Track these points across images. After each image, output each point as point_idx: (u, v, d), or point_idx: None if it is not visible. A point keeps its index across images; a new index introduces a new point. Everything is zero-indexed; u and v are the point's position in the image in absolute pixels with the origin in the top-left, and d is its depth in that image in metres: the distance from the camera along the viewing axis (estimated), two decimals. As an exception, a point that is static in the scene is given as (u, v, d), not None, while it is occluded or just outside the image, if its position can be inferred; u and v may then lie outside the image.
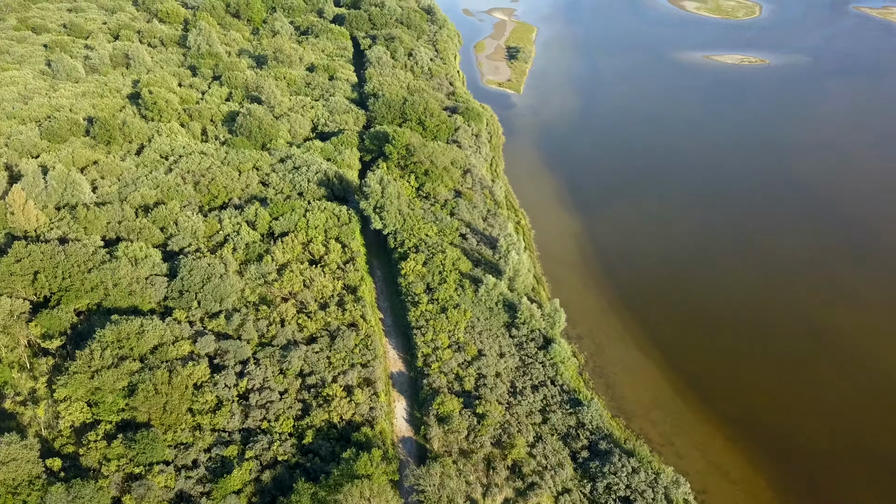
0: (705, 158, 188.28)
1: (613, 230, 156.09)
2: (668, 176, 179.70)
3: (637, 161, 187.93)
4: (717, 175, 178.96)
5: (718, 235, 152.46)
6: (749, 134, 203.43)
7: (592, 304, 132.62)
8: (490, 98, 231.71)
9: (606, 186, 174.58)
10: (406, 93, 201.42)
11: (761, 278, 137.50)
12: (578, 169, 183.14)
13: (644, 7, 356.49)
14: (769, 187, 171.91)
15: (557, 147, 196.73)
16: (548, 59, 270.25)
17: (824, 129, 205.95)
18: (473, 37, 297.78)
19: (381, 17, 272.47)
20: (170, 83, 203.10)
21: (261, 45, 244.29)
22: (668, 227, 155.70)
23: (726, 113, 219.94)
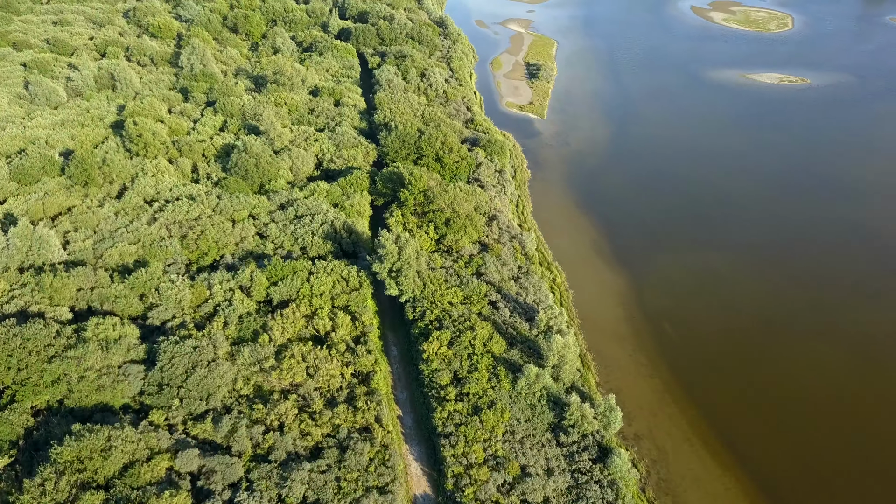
0: (758, 200, 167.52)
1: (663, 291, 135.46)
2: (717, 221, 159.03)
3: (681, 202, 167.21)
4: (776, 222, 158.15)
5: (791, 305, 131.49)
6: (802, 169, 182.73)
7: (647, 392, 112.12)
8: (511, 124, 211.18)
9: (650, 234, 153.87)
10: (421, 122, 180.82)
11: (857, 366, 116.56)
12: (616, 212, 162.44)
13: (669, 19, 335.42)
14: (842, 244, 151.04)
15: (590, 184, 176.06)
16: (571, 78, 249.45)
17: (887, 164, 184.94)
18: (489, 52, 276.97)
19: (391, 32, 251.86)
20: (158, 110, 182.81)
21: (260, 64, 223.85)
22: (726, 289, 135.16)
23: (773, 142, 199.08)
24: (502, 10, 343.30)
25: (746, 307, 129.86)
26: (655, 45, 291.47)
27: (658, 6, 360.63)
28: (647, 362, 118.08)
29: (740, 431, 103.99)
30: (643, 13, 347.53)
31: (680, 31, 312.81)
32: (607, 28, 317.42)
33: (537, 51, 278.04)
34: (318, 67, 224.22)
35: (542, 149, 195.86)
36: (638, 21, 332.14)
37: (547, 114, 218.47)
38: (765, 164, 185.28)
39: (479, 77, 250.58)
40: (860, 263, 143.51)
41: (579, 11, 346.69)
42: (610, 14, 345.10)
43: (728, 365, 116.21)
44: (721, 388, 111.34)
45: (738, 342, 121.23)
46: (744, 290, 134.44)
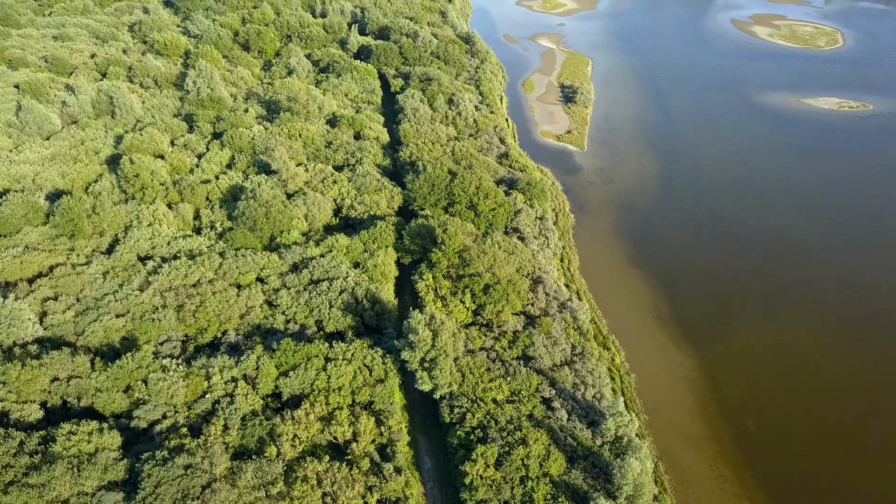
0: (837, 256, 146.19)
1: (740, 375, 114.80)
2: (793, 282, 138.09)
3: (749, 255, 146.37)
4: (867, 279, 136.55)
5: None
6: (887, 219, 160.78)
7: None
8: (548, 156, 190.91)
9: (718, 298, 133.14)
10: (451, 161, 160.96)
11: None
12: (676, 269, 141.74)
13: (709, 33, 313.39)
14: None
15: (642, 232, 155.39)
16: (610, 102, 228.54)
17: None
18: (520, 71, 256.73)
19: (414, 50, 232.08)
20: (159, 143, 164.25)
21: (272, 87, 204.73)
22: (817, 373, 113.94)
23: (842, 181, 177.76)
24: (531, 23, 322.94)
25: (849, 397, 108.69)
26: (697, 63, 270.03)
27: (695, 18, 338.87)
28: (732, 477, 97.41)
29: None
30: (680, 26, 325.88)
31: (722, 48, 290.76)
32: (643, 43, 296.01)
33: (571, 70, 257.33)
34: (336, 91, 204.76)
35: (585, 188, 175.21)
36: (675, 35, 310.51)
37: (587, 145, 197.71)
38: (841, 212, 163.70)
39: (510, 101, 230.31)
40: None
41: (612, 24, 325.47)
42: (644, 27, 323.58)
43: (833, 482, 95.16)
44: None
45: (844, 448, 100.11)
46: (839, 375, 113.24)
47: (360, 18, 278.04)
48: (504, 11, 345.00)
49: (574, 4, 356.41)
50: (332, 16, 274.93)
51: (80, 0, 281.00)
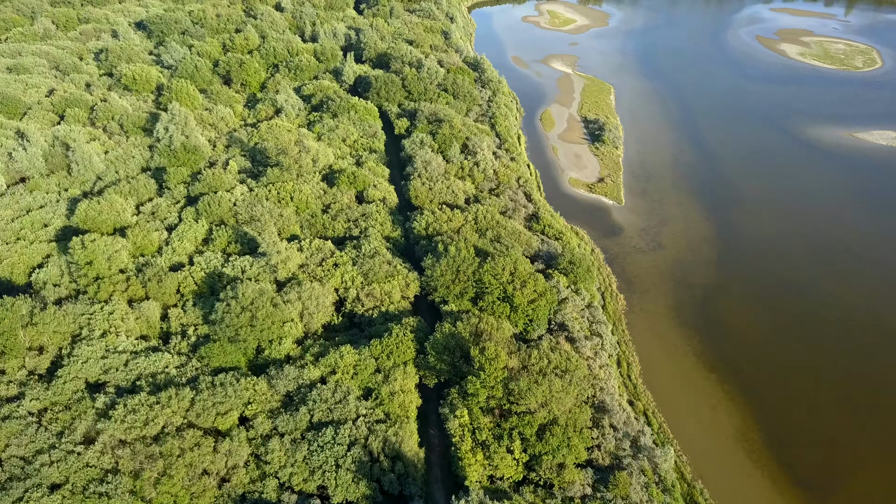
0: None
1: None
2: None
3: (848, 347, 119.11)
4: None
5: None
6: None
7: None
8: (581, 212, 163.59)
9: (823, 417, 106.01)
10: (473, 230, 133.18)
11: None
12: (759, 374, 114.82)
13: (736, 52, 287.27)
14: None
15: (708, 319, 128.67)
16: (641, 140, 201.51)
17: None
18: (535, 101, 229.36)
19: (419, 83, 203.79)
20: (121, 212, 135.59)
21: (257, 131, 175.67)
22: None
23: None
24: (540, 42, 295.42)
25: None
26: (729, 89, 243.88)
27: (717, 35, 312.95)
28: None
29: None
30: (702, 44, 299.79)
31: (753, 70, 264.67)
32: (665, 64, 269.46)
33: (592, 99, 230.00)
34: (333, 136, 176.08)
35: (630, 255, 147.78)
36: (699, 54, 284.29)
37: (624, 196, 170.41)
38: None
39: (528, 139, 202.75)
40: None
41: (628, 43, 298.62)
42: (664, 45, 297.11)
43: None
44: None
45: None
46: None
47: (354, 43, 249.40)
48: (509, 29, 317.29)
49: (585, 20, 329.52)
50: (323, 39, 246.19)
51: (41, 23, 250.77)
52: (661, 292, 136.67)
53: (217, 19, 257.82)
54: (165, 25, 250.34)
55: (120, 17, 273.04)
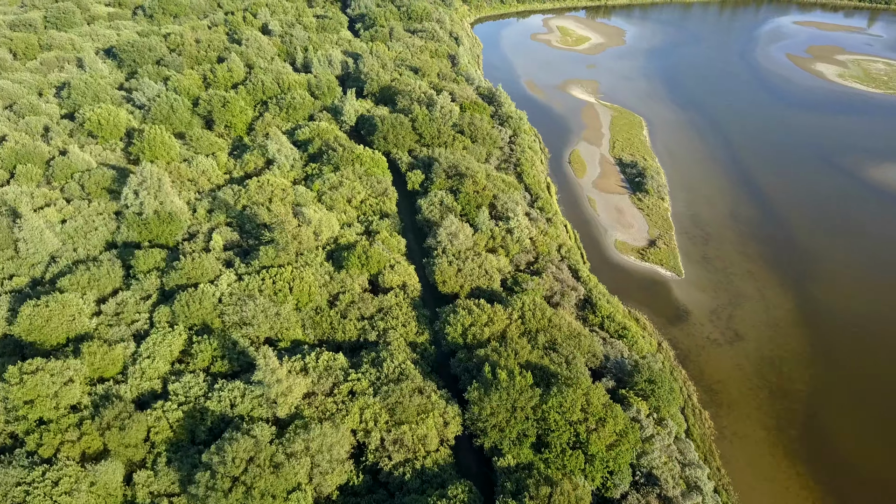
0: None
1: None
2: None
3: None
4: None
5: None
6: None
7: None
8: (635, 287, 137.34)
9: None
10: (519, 331, 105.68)
11: None
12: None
13: (769, 74, 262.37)
14: None
15: (821, 446, 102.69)
16: (688, 187, 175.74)
17: None
18: (560, 138, 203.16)
19: (432, 124, 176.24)
20: (77, 315, 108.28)
21: (246, 191, 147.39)
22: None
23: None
24: (555, 64, 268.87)
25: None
26: (770, 119, 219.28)
27: (744, 54, 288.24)
28: None
29: None
30: (730, 64, 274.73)
31: (792, 94, 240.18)
32: (695, 90, 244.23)
33: (624, 135, 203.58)
34: (336, 196, 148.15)
35: (706, 350, 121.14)
36: (729, 77, 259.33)
37: (683, 266, 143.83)
38: None
39: (558, 187, 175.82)
40: None
41: (651, 64, 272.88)
42: (689, 66, 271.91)
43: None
44: None
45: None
46: None
47: (353, 72, 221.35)
48: (519, 49, 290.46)
49: (600, 38, 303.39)
50: (317, 68, 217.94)
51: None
52: (754, 405, 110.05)
53: (196, 46, 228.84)
54: (138, 54, 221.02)
55: (87, 43, 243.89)
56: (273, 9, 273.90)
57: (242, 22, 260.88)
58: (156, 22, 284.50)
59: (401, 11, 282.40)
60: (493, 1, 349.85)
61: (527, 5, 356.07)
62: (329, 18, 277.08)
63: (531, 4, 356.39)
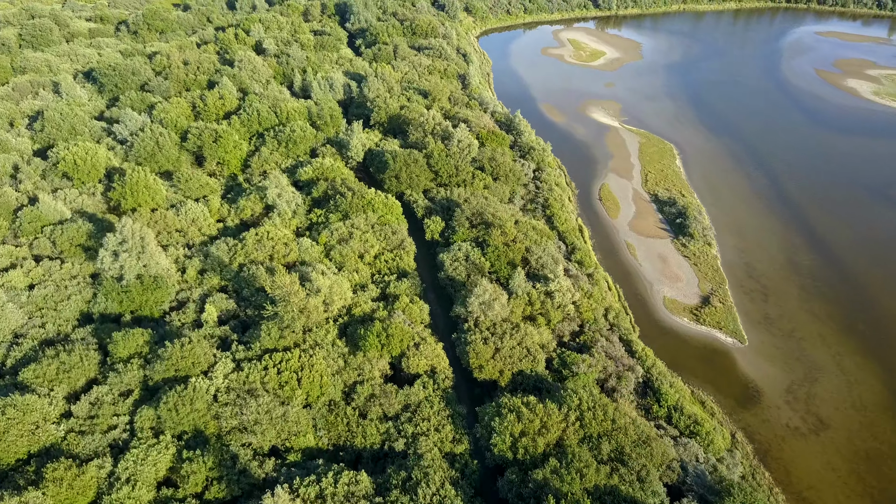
0: None
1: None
2: None
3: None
4: None
5: None
6: None
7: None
8: (693, 357, 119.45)
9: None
10: (585, 450, 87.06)
11: None
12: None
13: (800, 92, 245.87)
14: None
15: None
16: (735, 229, 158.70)
17: None
18: (585, 169, 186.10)
19: (449, 161, 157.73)
20: (39, 423, 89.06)
21: (243, 249, 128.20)
22: None
23: None
24: (572, 84, 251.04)
25: None
26: (812, 145, 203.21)
27: (770, 70, 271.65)
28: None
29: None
30: (757, 81, 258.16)
31: (829, 116, 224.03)
32: (725, 111, 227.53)
33: (656, 166, 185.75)
34: (346, 251, 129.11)
35: (787, 443, 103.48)
36: (758, 95, 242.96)
37: (745, 330, 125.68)
38: None
39: (591, 229, 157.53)
40: None
41: (672, 81, 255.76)
42: (714, 84, 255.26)
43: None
44: None
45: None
46: None
47: (356, 96, 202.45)
48: (531, 65, 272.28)
49: (615, 52, 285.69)
50: (317, 93, 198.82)
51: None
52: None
53: (185, 68, 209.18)
54: (120, 78, 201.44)
55: (65, 64, 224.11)
56: (267, 25, 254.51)
57: (234, 40, 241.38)
58: (140, 39, 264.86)
59: (404, 26, 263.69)
60: (500, 12, 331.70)
61: (534, 16, 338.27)
62: (328, 35, 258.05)
63: (538, 15, 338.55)
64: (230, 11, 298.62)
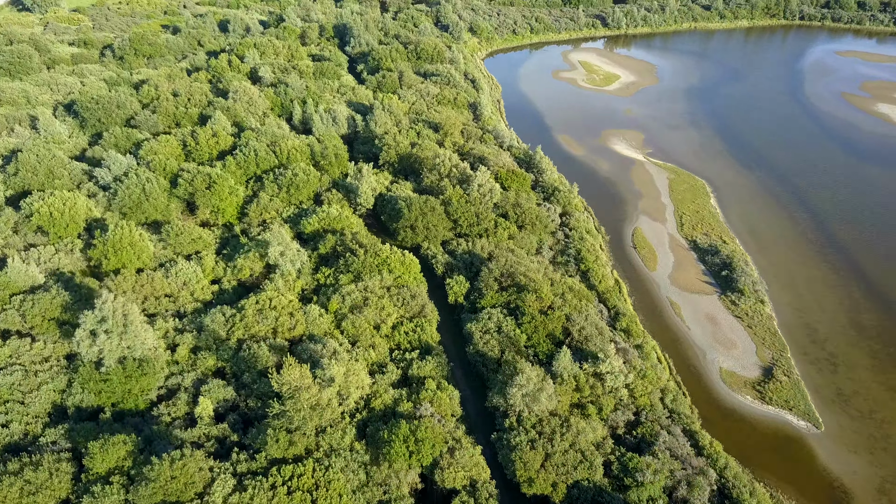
0: None
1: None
2: None
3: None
4: None
5: None
6: None
7: None
8: (762, 447, 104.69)
9: None
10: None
11: None
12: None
13: (830, 119, 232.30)
14: None
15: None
16: (787, 282, 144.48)
17: None
18: (613, 210, 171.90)
19: (469, 209, 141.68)
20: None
21: (241, 321, 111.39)
22: None
23: None
24: (588, 111, 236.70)
25: None
26: (854, 180, 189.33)
27: (794, 94, 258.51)
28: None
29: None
30: (783, 106, 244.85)
31: (863, 145, 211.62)
32: (755, 141, 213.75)
33: (689, 206, 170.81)
34: (360, 323, 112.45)
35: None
36: (786, 123, 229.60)
37: (818, 409, 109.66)
38: None
39: (629, 284, 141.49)
40: None
41: (694, 107, 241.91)
42: (737, 109, 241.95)
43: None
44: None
45: None
46: None
47: (360, 130, 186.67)
48: (543, 90, 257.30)
49: (630, 76, 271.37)
50: (318, 127, 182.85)
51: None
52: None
53: (174, 101, 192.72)
54: (104, 112, 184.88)
55: (45, 95, 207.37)
56: (262, 49, 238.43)
57: (227, 67, 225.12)
58: (126, 65, 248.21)
59: (408, 50, 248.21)
60: (505, 32, 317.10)
61: (541, 36, 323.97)
62: (327, 60, 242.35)
63: (545, 35, 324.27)
64: (222, 34, 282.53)
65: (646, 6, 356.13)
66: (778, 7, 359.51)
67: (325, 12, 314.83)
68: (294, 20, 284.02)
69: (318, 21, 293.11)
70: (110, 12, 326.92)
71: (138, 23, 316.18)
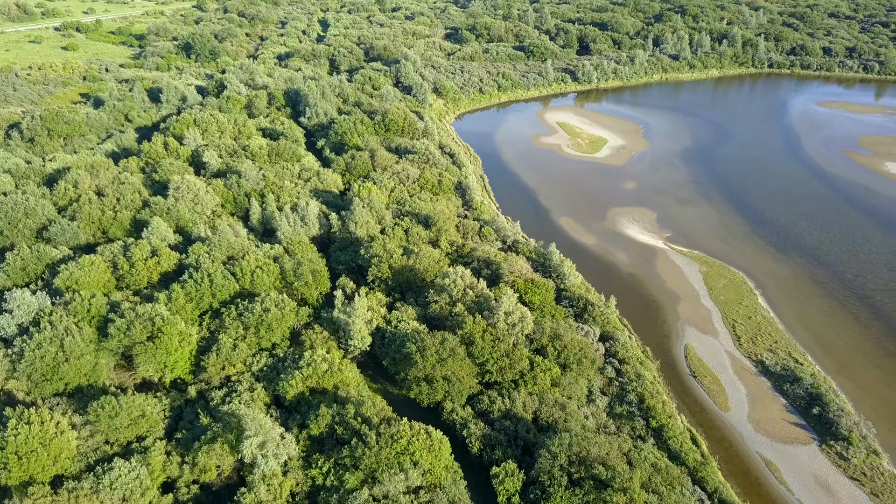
0: None
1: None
2: None
3: None
4: None
5: None
6: None
7: None
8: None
9: None
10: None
11: None
12: None
13: (843, 183, 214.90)
14: None
15: None
16: (886, 415, 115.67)
17: None
18: (650, 319, 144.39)
19: (495, 349, 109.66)
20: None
21: None
22: None
23: None
24: (584, 185, 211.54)
25: None
26: (889, 258, 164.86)
27: (794, 153, 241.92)
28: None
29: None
30: (788, 170, 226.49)
31: (887, 213, 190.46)
32: (774, 216, 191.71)
33: (739, 312, 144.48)
34: None
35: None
36: (797, 188, 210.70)
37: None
38: None
39: (700, 432, 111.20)
40: None
41: (696, 174, 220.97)
42: (742, 176, 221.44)
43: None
44: None
45: None
46: None
47: (336, 231, 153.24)
48: (527, 162, 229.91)
49: (618, 139, 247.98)
50: (285, 231, 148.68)
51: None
52: None
53: (100, 202, 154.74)
54: (8, 223, 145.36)
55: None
56: (204, 126, 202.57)
57: (164, 151, 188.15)
58: (38, 148, 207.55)
59: (374, 122, 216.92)
60: (472, 91, 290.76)
61: (508, 94, 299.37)
62: (282, 136, 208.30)
63: (513, 93, 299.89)
64: (154, 105, 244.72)
65: (614, 58, 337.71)
66: (746, 55, 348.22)
67: (270, 74, 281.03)
68: (237, 86, 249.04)
69: (266, 87, 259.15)
70: (18, 79, 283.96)
71: (52, 91, 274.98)
